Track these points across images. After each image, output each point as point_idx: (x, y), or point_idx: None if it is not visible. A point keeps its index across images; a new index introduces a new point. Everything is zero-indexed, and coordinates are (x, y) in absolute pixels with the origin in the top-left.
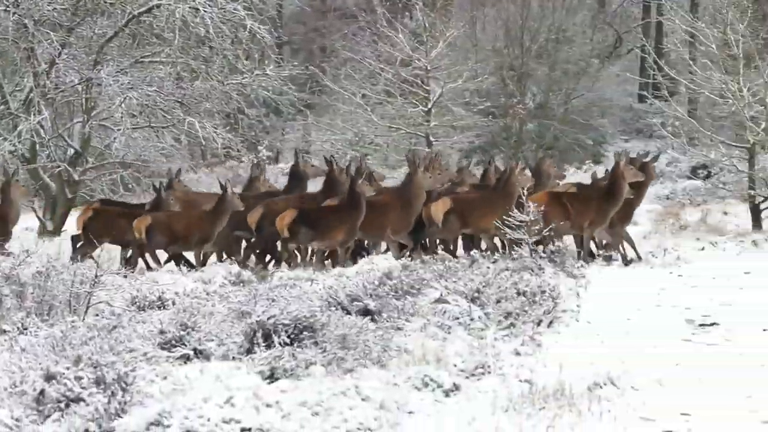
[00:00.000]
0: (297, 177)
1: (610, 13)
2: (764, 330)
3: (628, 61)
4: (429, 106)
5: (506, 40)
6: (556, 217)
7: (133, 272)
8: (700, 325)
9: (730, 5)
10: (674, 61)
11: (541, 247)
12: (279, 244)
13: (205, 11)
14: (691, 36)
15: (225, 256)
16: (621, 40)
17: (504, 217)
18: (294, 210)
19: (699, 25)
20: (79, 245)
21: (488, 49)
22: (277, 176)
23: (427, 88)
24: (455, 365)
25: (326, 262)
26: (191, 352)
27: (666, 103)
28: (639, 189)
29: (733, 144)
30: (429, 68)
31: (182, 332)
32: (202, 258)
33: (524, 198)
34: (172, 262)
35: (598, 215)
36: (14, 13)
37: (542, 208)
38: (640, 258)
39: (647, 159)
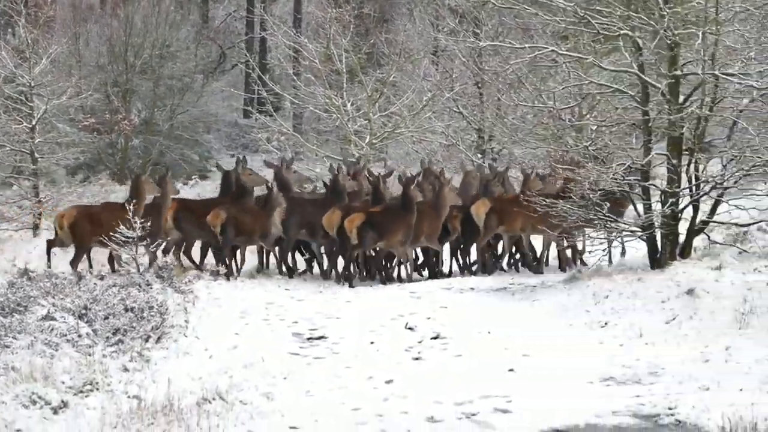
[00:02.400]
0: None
1: (214, 29)
2: (372, 342)
3: (233, 76)
4: (33, 122)
5: (110, 57)
6: None
7: None
8: (308, 338)
9: (333, 20)
10: (279, 76)
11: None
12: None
13: None
14: (295, 51)
15: None
16: (225, 56)
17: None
18: (363, 214)
19: (302, 40)
20: None
21: (92, 65)
22: None
23: (31, 104)
24: (63, 382)
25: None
26: None
27: (271, 119)
28: None
29: (338, 158)
30: (33, 85)
31: None
32: None
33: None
34: None
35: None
36: None
37: None
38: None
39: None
